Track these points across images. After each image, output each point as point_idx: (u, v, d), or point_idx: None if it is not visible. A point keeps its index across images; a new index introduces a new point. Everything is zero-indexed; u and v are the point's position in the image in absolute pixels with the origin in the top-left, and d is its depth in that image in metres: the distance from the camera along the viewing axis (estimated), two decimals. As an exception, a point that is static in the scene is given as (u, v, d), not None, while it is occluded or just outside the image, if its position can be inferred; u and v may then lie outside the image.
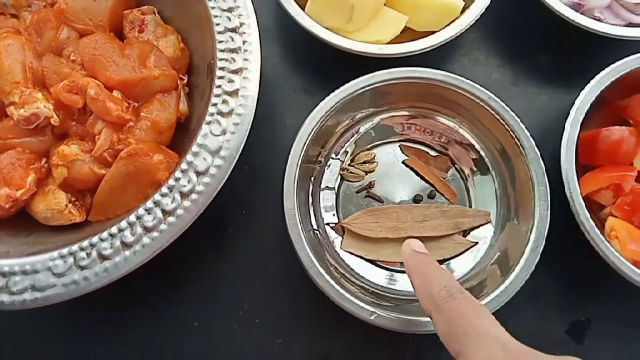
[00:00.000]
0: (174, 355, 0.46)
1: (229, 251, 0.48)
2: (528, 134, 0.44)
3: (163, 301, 0.47)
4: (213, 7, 0.41)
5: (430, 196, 0.48)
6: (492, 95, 0.44)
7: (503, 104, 0.44)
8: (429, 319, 0.38)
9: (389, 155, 0.49)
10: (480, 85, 0.45)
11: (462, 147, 0.49)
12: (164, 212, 0.37)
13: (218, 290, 0.47)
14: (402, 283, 0.45)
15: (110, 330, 0.46)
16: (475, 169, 0.48)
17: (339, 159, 0.49)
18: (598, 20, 0.49)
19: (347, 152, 0.49)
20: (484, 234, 0.46)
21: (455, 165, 0.49)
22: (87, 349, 0.46)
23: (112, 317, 0.46)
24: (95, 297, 0.36)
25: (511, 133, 0.44)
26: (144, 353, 0.46)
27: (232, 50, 0.40)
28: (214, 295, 0.47)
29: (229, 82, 0.40)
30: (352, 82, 0.44)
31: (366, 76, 0.45)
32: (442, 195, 0.48)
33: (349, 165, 0.49)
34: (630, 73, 0.45)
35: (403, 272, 0.45)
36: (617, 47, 0.49)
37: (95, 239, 0.36)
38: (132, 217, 0.37)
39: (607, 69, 0.45)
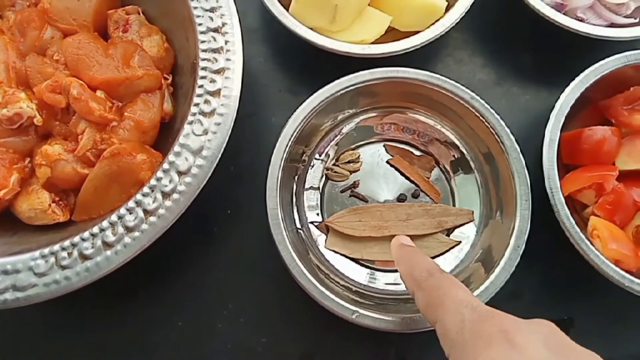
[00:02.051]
0: (158, 354, 0.46)
1: (214, 251, 0.48)
2: (510, 134, 0.44)
3: (147, 300, 0.47)
4: (195, 7, 0.42)
5: (414, 195, 0.48)
6: (475, 95, 0.45)
7: (485, 104, 0.44)
8: (411, 318, 0.39)
9: (374, 154, 0.50)
10: (465, 85, 0.45)
11: (445, 147, 0.49)
12: (145, 211, 0.37)
13: (203, 290, 0.47)
14: (383, 281, 0.45)
15: (93, 330, 0.46)
16: (458, 168, 0.49)
17: (322, 158, 0.49)
18: (581, 20, 0.49)
19: (331, 152, 0.49)
20: (467, 233, 0.47)
21: (439, 165, 0.49)
22: (69, 348, 0.46)
23: (95, 316, 0.47)
24: (77, 297, 0.36)
25: (493, 133, 0.44)
26: (128, 352, 0.46)
27: (215, 50, 0.41)
28: (199, 294, 0.47)
29: (211, 82, 0.40)
30: (335, 82, 0.45)
31: (349, 76, 0.45)
32: (426, 194, 0.48)
33: (334, 164, 0.49)
34: (612, 73, 0.46)
35: (384, 270, 0.46)
36: (600, 47, 0.50)
37: (76, 239, 0.37)
38: (114, 217, 0.37)
39: (589, 69, 0.45)
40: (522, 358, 0.24)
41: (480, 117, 0.45)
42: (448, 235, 0.47)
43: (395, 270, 0.46)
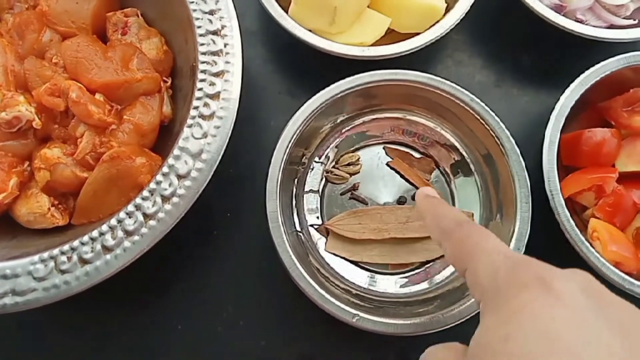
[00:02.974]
0: (158, 357, 0.46)
1: (214, 254, 0.48)
2: (510, 136, 0.44)
3: (147, 303, 0.47)
4: (195, 10, 0.41)
5: (414, 198, 0.48)
6: (475, 98, 0.45)
7: (485, 106, 0.44)
8: (411, 321, 0.39)
9: (373, 157, 0.49)
10: (464, 87, 0.45)
11: (444, 149, 0.49)
12: (145, 215, 0.37)
13: (202, 293, 0.47)
14: (383, 284, 0.45)
15: (93, 333, 0.46)
16: (458, 170, 0.49)
17: (322, 161, 0.49)
18: (580, 22, 0.49)
19: (330, 154, 0.49)
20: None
21: (439, 167, 0.49)
22: (67, 351, 0.46)
23: (94, 320, 0.46)
24: (77, 300, 0.36)
25: (493, 135, 0.44)
26: (128, 355, 0.46)
27: (214, 53, 0.41)
28: (198, 297, 0.47)
29: (210, 85, 0.40)
30: (334, 85, 0.45)
31: (349, 79, 0.45)
32: (426, 196, 0.48)
33: (333, 167, 0.49)
34: (612, 75, 0.46)
35: (384, 273, 0.46)
36: (599, 49, 0.50)
37: (76, 243, 0.36)
38: (113, 221, 0.37)
39: (589, 71, 0.45)
40: (559, 303, 0.23)
41: (480, 119, 0.45)
42: (448, 237, 0.47)
43: (395, 274, 0.46)
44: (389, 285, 0.45)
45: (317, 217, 0.47)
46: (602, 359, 0.21)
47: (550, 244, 0.44)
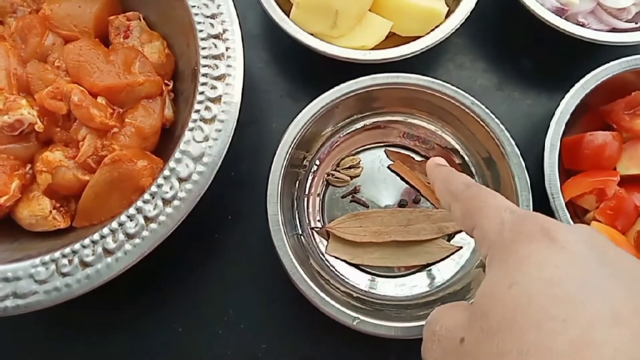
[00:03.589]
0: (159, 360, 0.46)
1: (215, 257, 0.48)
2: (511, 139, 0.44)
3: (148, 306, 0.47)
4: (196, 14, 0.42)
5: (416, 201, 0.48)
6: (476, 101, 0.45)
7: (486, 110, 0.44)
8: (411, 324, 0.39)
9: (374, 160, 0.50)
10: (466, 91, 0.45)
11: (446, 152, 0.49)
12: (146, 218, 0.37)
13: (203, 296, 0.47)
14: (384, 287, 0.45)
15: (94, 336, 0.46)
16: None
17: (324, 164, 0.49)
18: (582, 25, 0.49)
19: (332, 157, 0.49)
20: (469, 238, 0.46)
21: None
22: (68, 354, 0.46)
23: (95, 322, 0.47)
24: (77, 303, 0.36)
25: (494, 138, 0.44)
26: (128, 358, 0.46)
27: (215, 57, 0.41)
28: (199, 300, 0.47)
29: (211, 88, 0.40)
30: (336, 88, 0.45)
31: (350, 82, 0.45)
32: (427, 200, 0.48)
33: (334, 170, 0.49)
34: (613, 78, 0.46)
35: (385, 276, 0.46)
36: (601, 52, 0.50)
37: (77, 246, 0.37)
38: (114, 224, 0.37)
39: (590, 74, 0.45)
40: (563, 253, 0.24)
41: (481, 122, 0.45)
42: (449, 240, 0.47)
43: (396, 276, 0.46)
44: (390, 288, 0.45)
45: (318, 220, 0.47)
46: (602, 302, 0.22)
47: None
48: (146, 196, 0.38)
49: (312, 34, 0.47)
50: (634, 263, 0.25)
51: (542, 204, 0.43)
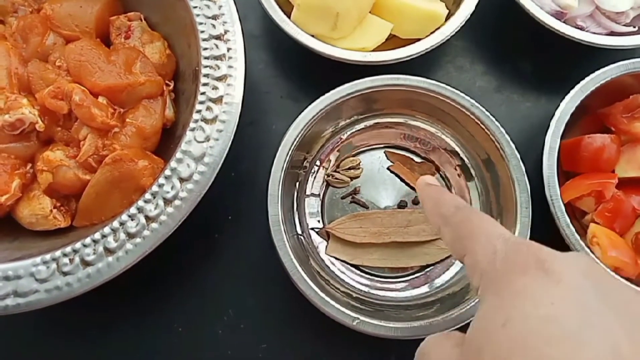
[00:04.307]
0: (158, 360, 0.46)
1: (215, 257, 0.48)
2: (510, 141, 0.44)
3: (147, 306, 0.47)
4: (198, 15, 0.42)
5: (415, 202, 0.48)
6: (475, 103, 0.45)
7: (486, 111, 0.45)
8: (411, 325, 0.39)
9: (374, 161, 0.50)
10: (465, 93, 0.45)
11: (446, 154, 0.49)
12: (147, 218, 0.37)
13: (203, 296, 0.47)
14: (383, 288, 0.45)
15: (94, 336, 0.46)
16: (459, 176, 0.49)
17: (324, 165, 0.49)
18: (580, 29, 0.49)
19: (332, 158, 0.49)
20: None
21: (440, 172, 0.49)
22: (67, 353, 0.46)
23: (95, 322, 0.47)
24: (77, 302, 0.36)
25: (494, 140, 0.44)
26: (128, 358, 0.46)
27: (217, 58, 0.41)
28: (199, 300, 0.47)
29: (213, 89, 0.40)
30: (336, 90, 0.45)
31: (350, 83, 0.45)
32: (427, 201, 0.48)
33: (334, 171, 0.49)
34: (612, 81, 0.46)
35: (385, 277, 0.46)
36: (599, 56, 0.50)
37: (78, 245, 0.37)
38: (116, 223, 0.37)
39: (589, 77, 0.46)
40: (559, 287, 0.23)
41: (481, 124, 0.45)
42: (448, 242, 0.47)
43: (396, 277, 0.46)
44: (389, 289, 0.45)
45: (318, 221, 0.48)
46: (601, 341, 0.21)
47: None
48: (147, 196, 0.38)
49: (313, 36, 0.47)
50: (632, 295, 0.24)
51: (541, 207, 0.43)
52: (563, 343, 0.21)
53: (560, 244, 0.42)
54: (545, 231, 0.42)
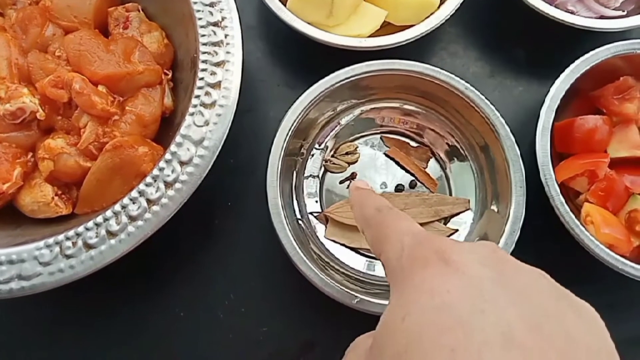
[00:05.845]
0: (160, 345, 0.46)
1: (215, 242, 0.49)
2: (504, 123, 0.45)
3: (149, 291, 0.47)
4: (195, 2, 0.42)
5: (412, 186, 0.49)
6: (469, 86, 0.46)
7: (480, 94, 0.45)
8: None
9: (371, 146, 0.50)
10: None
11: (440, 137, 0.50)
12: (148, 201, 0.38)
13: (204, 280, 0.48)
14: (381, 269, 0.46)
15: (94, 319, 0.47)
16: (453, 157, 0.50)
17: (321, 149, 0.50)
18: (571, 13, 0.50)
19: (329, 144, 0.50)
20: (464, 221, 0.47)
21: (435, 156, 0.50)
22: (69, 337, 0.47)
23: (96, 306, 0.47)
24: (79, 286, 0.37)
25: (488, 122, 0.45)
26: (129, 342, 0.46)
27: (215, 44, 0.41)
28: (200, 285, 0.48)
29: (211, 74, 0.41)
30: (332, 75, 0.45)
31: (346, 69, 0.46)
32: (423, 184, 0.49)
33: (332, 156, 0.50)
34: (602, 63, 0.47)
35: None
36: (590, 39, 0.51)
37: (80, 229, 0.37)
38: (117, 207, 0.38)
39: (579, 60, 0.46)
40: (456, 276, 0.23)
41: (475, 107, 0.46)
42: (445, 224, 0.48)
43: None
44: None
45: (316, 202, 0.48)
46: (493, 325, 0.20)
47: (544, 229, 0.45)
48: (148, 179, 0.38)
49: (309, 23, 0.48)
50: (532, 279, 0.23)
51: (536, 188, 0.44)
52: (454, 330, 0.20)
53: (556, 224, 0.43)
54: (541, 212, 0.43)
